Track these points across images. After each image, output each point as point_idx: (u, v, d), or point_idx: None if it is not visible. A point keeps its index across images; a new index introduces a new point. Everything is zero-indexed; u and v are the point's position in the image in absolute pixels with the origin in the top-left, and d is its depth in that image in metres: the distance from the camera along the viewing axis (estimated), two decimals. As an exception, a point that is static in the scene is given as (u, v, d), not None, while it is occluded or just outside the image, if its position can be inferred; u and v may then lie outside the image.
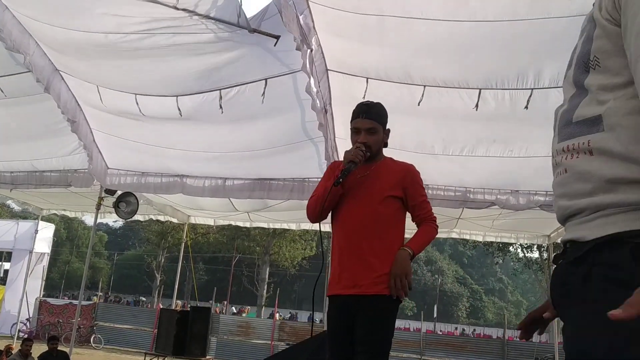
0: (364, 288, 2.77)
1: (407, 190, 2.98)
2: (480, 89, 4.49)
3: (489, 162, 5.63)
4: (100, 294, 32.95)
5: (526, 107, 4.44)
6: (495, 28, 3.81)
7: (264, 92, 4.89)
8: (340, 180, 2.77)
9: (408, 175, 3.02)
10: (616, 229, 1.18)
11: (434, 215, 3.06)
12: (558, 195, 1.36)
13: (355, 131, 2.99)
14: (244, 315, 30.53)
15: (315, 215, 2.98)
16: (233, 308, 35.80)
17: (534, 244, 22.65)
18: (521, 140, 5.29)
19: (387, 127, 3.08)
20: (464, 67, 4.39)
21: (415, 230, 3.06)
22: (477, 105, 4.56)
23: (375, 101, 3.10)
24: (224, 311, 30.24)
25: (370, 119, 2.96)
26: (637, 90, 1.17)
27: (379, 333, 2.78)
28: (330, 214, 3.04)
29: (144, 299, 41.84)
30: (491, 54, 4.18)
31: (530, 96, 4.38)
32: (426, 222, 3.02)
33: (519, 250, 28.85)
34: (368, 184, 2.96)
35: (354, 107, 3.03)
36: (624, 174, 1.19)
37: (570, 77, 1.37)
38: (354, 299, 2.78)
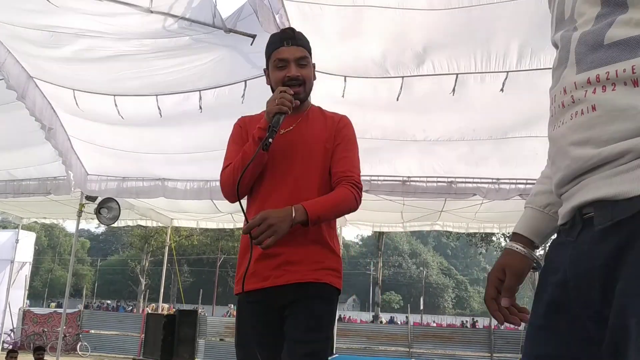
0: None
1: (337, 139, 2.24)
2: (457, 74, 4.51)
3: (469, 150, 5.68)
4: (80, 307, 32.60)
5: (502, 90, 4.46)
6: (470, 13, 3.83)
7: (243, 94, 4.88)
8: (270, 140, 1.99)
9: (342, 123, 2.28)
10: None
11: (359, 181, 2.21)
12: (575, 142, 1.01)
13: (279, 66, 2.18)
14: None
15: (234, 191, 2.11)
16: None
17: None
18: (497, 125, 5.32)
19: (313, 62, 2.31)
20: (441, 54, 4.41)
21: None
22: (453, 90, 4.57)
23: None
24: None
25: (298, 46, 2.19)
26: None
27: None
28: None
29: (125, 304, 41.54)
30: (468, 39, 4.20)
31: (505, 79, 4.39)
32: (344, 183, 2.15)
33: (502, 239, 29.15)
34: (296, 143, 2.20)
35: (269, 38, 2.30)
36: None
37: None
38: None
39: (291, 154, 2.17)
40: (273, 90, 2.22)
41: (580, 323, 1.00)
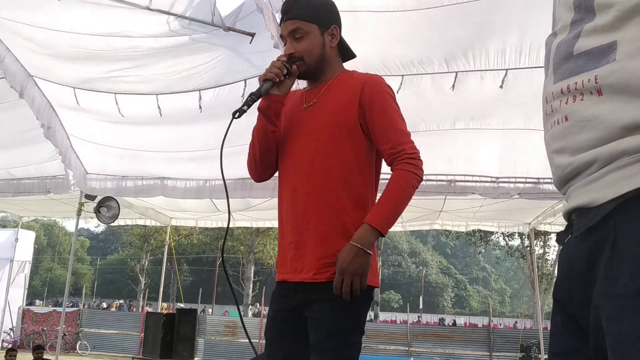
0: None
1: (365, 110, 1.96)
2: (456, 72, 4.50)
3: (469, 148, 5.68)
4: (81, 306, 32.63)
5: (501, 87, 4.45)
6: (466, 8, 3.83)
7: (243, 93, 4.88)
8: (244, 108, 1.91)
9: (367, 86, 2.00)
10: (638, 183, 0.89)
11: (414, 148, 1.94)
12: (555, 150, 1.06)
13: (283, 44, 2.13)
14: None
15: (252, 169, 2.13)
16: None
17: (515, 232, 22.90)
18: (498, 121, 5.30)
19: (331, 25, 2.11)
20: (440, 50, 4.40)
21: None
22: (453, 86, 4.56)
23: None
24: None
25: (292, 19, 2.05)
26: None
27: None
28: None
29: (124, 302, 41.49)
30: (465, 34, 4.20)
31: (505, 76, 4.38)
32: (399, 162, 1.91)
33: (500, 238, 29.13)
34: (316, 115, 2.02)
35: None
36: None
37: None
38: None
39: (310, 129, 2.01)
40: None
41: (573, 321, 1.05)
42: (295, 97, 2.12)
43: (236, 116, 1.90)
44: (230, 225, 11.26)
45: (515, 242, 28.86)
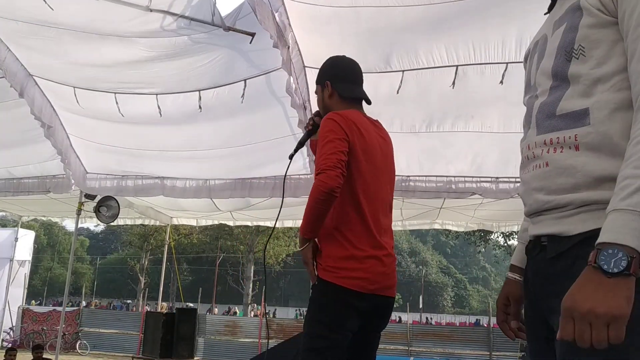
0: None
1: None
2: (457, 66, 4.49)
3: (469, 148, 5.67)
4: (83, 303, 32.65)
5: (501, 82, 4.44)
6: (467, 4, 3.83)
7: (243, 94, 4.88)
8: (294, 152, 2.61)
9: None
10: (600, 224, 1.13)
11: (321, 168, 2.25)
12: (535, 188, 1.33)
13: None
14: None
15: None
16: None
17: (514, 232, 22.87)
18: (499, 121, 5.29)
19: (325, 81, 2.60)
20: (440, 46, 4.39)
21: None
22: (453, 83, 4.56)
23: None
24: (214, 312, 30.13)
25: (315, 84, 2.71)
26: (631, 82, 1.16)
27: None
28: None
29: (129, 301, 41.46)
30: (465, 30, 4.19)
31: (505, 70, 4.36)
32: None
33: (500, 238, 29.12)
34: None
35: None
36: (611, 170, 1.17)
37: (549, 68, 1.33)
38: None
39: None
40: None
41: (538, 325, 1.39)
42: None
43: (290, 158, 2.57)
44: (230, 224, 11.28)
45: (515, 241, 28.88)
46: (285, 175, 2.61)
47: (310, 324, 2.27)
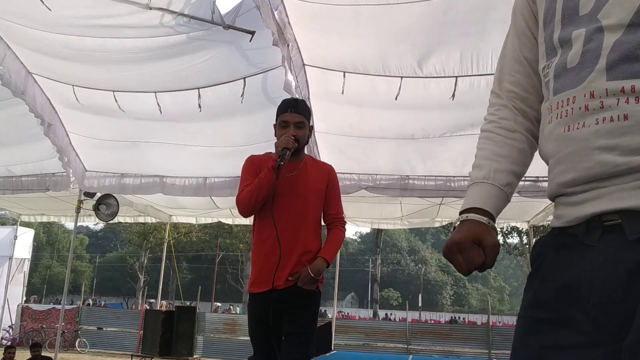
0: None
1: (329, 187, 3.10)
2: (456, 77, 4.50)
3: (469, 149, 5.67)
4: (80, 303, 32.67)
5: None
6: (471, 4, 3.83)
7: (243, 92, 4.88)
8: (282, 163, 2.78)
9: (331, 174, 3.15)
10: None
11: (344, 218, 3.18)
12: (600, 147, 1.01)
13: (282, 125, 2.98)
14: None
15: (251, 207, 2.91)
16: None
17: (514, 230, 22.91)
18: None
19: (311, 124, 3.12)
20: (439, 52, 4.39)
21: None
22: (453, 95, 4.58)
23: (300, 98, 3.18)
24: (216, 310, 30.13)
25: (298, 113, 2.97)
26: None
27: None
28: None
29: (121, 302, 41.43)
30: (465, 36, 4.19)
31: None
32: (336, 225, 3.12)
33: (500, 236, 29.17)
34: (300, 182, 2.99)
35: (280, 103, 3.07)
36: None
37: None
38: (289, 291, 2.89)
39: (295, 192, 2.96)
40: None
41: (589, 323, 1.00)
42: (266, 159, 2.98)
43: (279, 169, 2.78)
44: (230, 222, 11.27)
45: (514, 240, 28.92)
46: (275, 184, 2.82)
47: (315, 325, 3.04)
